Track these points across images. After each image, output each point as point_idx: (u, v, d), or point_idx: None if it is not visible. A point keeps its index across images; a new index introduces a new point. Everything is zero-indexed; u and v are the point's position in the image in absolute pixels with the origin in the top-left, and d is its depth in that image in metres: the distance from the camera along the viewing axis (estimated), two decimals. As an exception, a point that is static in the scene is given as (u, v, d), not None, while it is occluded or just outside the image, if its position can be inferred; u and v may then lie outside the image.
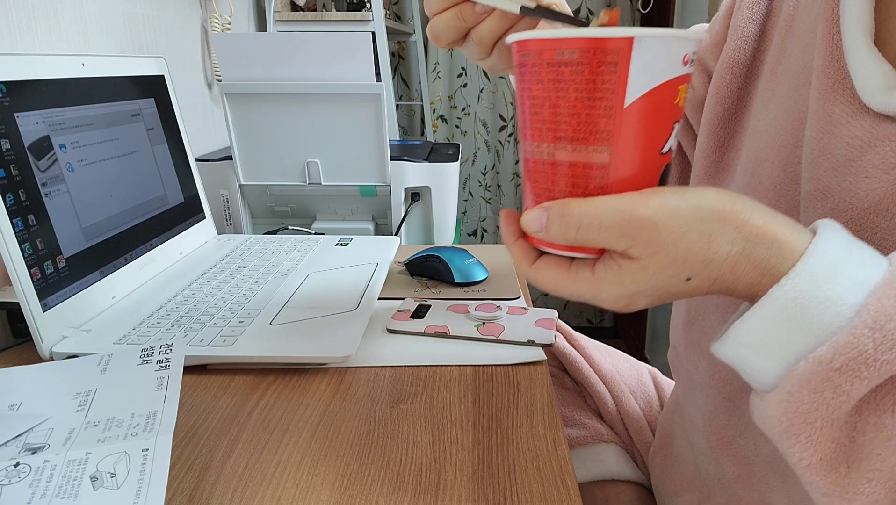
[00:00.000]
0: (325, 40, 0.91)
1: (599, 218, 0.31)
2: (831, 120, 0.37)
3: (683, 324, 0.52)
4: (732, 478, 0.48)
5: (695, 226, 0.30)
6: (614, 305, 0.34)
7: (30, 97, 0.55)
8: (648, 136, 0.32)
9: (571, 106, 0.32)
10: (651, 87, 0.31)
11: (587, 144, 0.32)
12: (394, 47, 2.22)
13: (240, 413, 0.47)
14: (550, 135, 0.33)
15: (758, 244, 0.30)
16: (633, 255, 0.31)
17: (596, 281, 0.33)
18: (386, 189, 1.00)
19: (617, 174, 0.32)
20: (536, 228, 0.34)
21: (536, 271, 0.35)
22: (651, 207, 0.31)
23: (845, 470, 0.30)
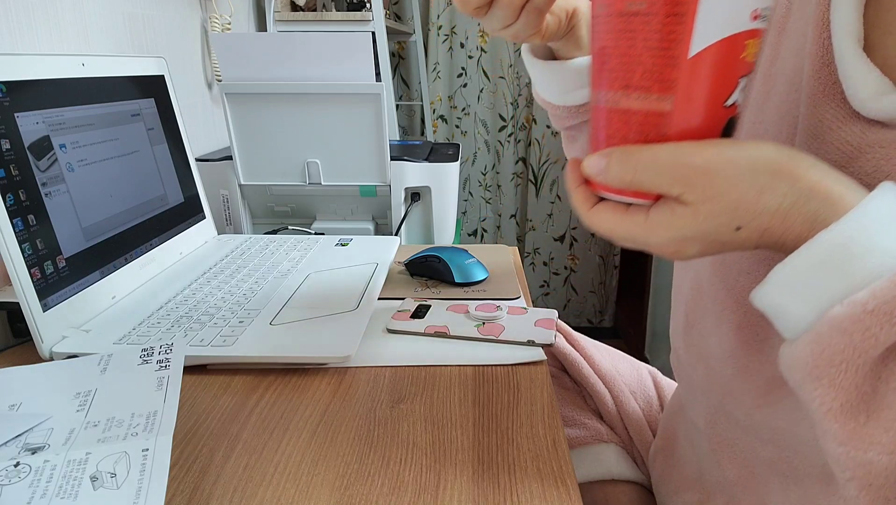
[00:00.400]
0: (325, 40, 0.91)
1: (656, 162, 0.32)
2: (822, 125, 0.37)
3: (682, 328, 0.52)
4: (733, 480, 0.48)
5: (748, 176, 0.31)
6: (664, 250, 0.35)
7: (30, 97, 0.55)
8: (712, 87, 0.33)
9: (638, 55, 0.33)
10: (717, 39, 0.32)
11: (651, 93, 0.33)
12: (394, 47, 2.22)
13: (240, 413, 0.47)
14: (617, 83, 0.34)
15: (811, 199, 0.31)
16: (686, 200, 0.32)
17: (649, 225, 0.34)
18: (386, 189, 1.00)
19: (678, 124, 0.33)
20: (596, 172, 0.35)
21: (594, 215, 0.37)
22: (707, 155, 0.32)
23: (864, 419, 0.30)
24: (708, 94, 0.33)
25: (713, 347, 0.47)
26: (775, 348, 0.42)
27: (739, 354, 0.44)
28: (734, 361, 0.45)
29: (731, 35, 0.32)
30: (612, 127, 0.35)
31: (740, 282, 0.44)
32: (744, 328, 0.44)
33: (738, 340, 0.44)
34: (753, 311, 0.43)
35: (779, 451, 0.43)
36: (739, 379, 0.44)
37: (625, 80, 0.34)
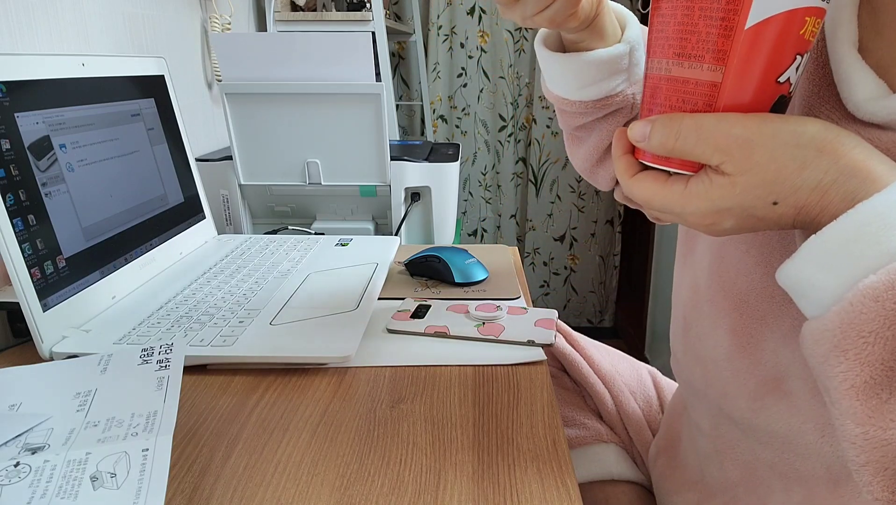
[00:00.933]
0: (325, 40, 0.91)
1: (699, 130, 0.32)
2: None
3: (681, 330, 0.52)
4: (735, 481, 0.48)
5: (790, 150, 0.31)
6: (700, 220, 0.35)
7: (30, 97, 0.55)
8: (766, 61, 0.32)
9: (694, 23, 0.33)
10: (775, 12, 0.31)
11: (702, 62, 0.33)
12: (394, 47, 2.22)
13: (240, 413, 0.47)
14: (671, 51, 0.34)
15: (852, 177, 0.30)
16: (725, 170, 0.32)
17: (686, 194, 0.34)
18: (386, 189, 1.00)
19: (727, 95, 0.33)
20: (640, 137, 0.35)
21: (636, 182, 0.37)
22: (749, 127, 0.32)
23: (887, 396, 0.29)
24: (761, 68, 0.33)
25: (709, 349, 0.47)
26: (769, 352, 0.42)
27: (734, 356, 0.44)
28: (729, 363, 0.45)
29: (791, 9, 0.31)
30: (661, 95, 0.36)
31: (737, 284, 0.44)
32: (738, 331, 0.44)
33: (732, 342, 0.44)
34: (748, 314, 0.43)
35: (779, 453, 0.43)
36: (735, 382, 0.44)
37: (678, 47, 0.34)
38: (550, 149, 2.22)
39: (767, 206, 0.32)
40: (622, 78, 0.50)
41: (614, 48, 0.48)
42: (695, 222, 0.35)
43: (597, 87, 0.51)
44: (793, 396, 0.40)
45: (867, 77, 0.35)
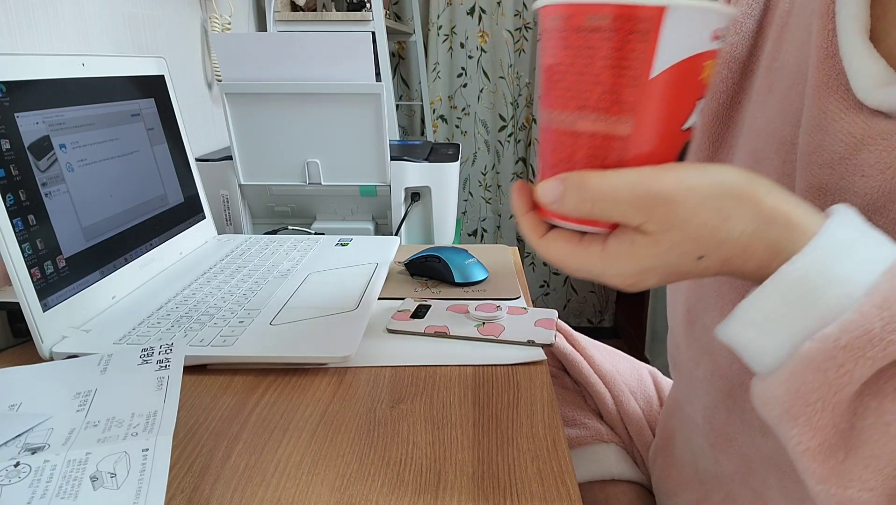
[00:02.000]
0: (325, 40, 0.91)
1: (616, 191, 0.31)
2: (826, 116, 0.37)
3: (683, 323, 0.52)
4: (730, 475, 0.48)
5: (712, 203, 0.30)
6: (623, 282, 0.34)
7: (30, 97, 0.55)
8: (672, 110, 0.32)
9: (597, 74, 0.31)
10: (679, 59, 0.31)
11: (609, 115, 0.32)
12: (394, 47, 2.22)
13: (240, 413, 0.47)
14: (573, 103, 0.32)
15: (772, 225, 0.30)
16: (647, 230, 0.31)
17: (606, 255, 0.33)
18: (386, 189, 1.00)
19: (637, 148, 0.32)
20: (551, 200, 0.33)
21: (546, 244, 0.35)
22: (668, 183, 0.30)
23: (843, 456, 0.29)
24: (668, 117, 0.32)
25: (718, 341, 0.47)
26: None
27: None
28: None
29: (693, 55, 0.31)
30: (565, 150, 0.33)
31: None
32: None
33: None
34: None
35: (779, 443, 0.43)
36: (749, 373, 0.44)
37: (581, 100, 0.32)
38: (550, 149, 2.22)
39: (692, 261, 0.32)
40: None
41: None
42: (617, 282, 0.34)
43: None
44: None
45: (877, 65, 0.35)
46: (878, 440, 0.28)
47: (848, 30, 0.36)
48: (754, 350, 0.32)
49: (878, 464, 0.29)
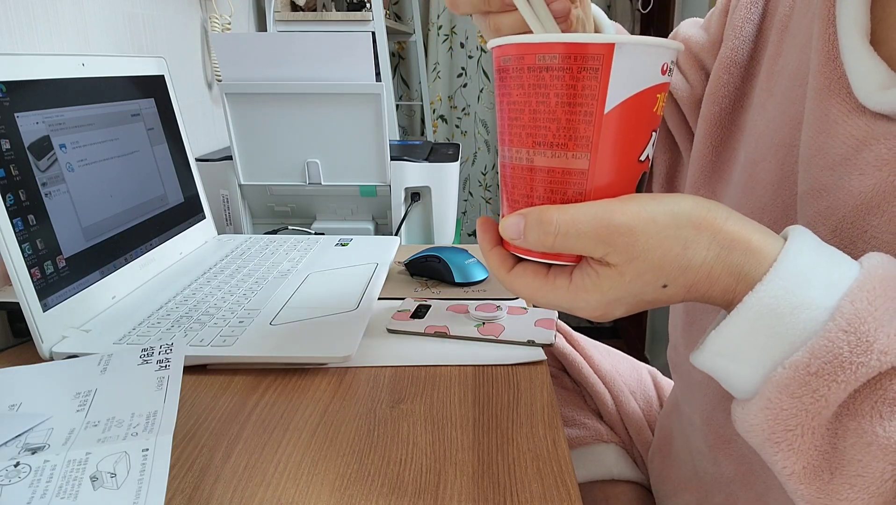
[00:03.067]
0: (325, 40, 0.91)
1: (577, 225, 0.31)
2: (827, 119, 0.37)
3: (683, 324, 0.52)
4: (730, 477, 0.48)
5: (671, 232, 0.31)
6: (592, 313, 0.34)
7: (30, 97, 0.55)
8: (627, 142, 0.32)
9: (552, 111, 0.32)
10: (631, 94, 0.31)
11: (566, 150, 0.32)
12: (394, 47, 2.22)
13: (240, 413, 0.47)
14: (530, 140, 0.33)
15: (732, 250, 0.31)
16: (610, 261, 0.32)
17: (573, 289, 0.33)
18: (386, 189, 1.00)
19: (595, 181, 0.33)
20: (514, 235, 0.34)
21: (514, 279, 0.36)
22: (628, 214, 0.31)
23: (829, 477, 0.30)
24: (624, 150, 0.32)
25: None
26: None
27: None
28: None
29: (644, 89, 0.32)
30: (525, 186, 0.34)
31: None
32: None
33: None
34: None
35: None
36: None
37: (538, 136, 0.33)
38: (550, 149, 2.22)
39: (657, 289, 0.32)
40: None
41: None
42: (586, 314, 0.35)
43: None
44: None
45: (878, 68, 0.35)
46: (860, 460, 0.29)
47: (849, 33, 0.36)
48: (728, 377, 0.32)
49: (863, 483, 0.29)
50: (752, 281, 0.30)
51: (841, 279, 0.30)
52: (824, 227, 0.37)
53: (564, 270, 0.34)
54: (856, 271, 0.30)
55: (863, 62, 0.35)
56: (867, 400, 0.29)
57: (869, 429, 0.29)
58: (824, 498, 0.30)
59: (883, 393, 0.29)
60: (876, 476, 0.29)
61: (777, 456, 0.30)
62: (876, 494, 0.29)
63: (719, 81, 0.48)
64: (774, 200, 0.42)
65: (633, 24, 2.22)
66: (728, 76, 0.48)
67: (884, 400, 0.28)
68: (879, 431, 0.28)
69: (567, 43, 0.31)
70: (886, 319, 0.28)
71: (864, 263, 0.30)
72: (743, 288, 0.31)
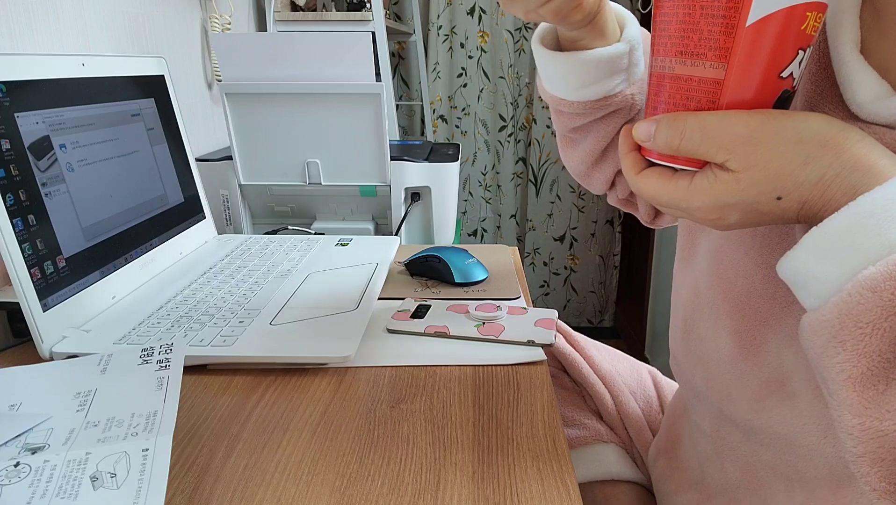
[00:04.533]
0: (325, 40, 0.91)
1: (703, 129, 0.33)
2: None
3: (681, 332, 0.52)
4: (735, 483, 0.48)
5: (793, 146, 0.31)
6: (706, 215, 0.35)
7: (30, 97, 0.55)
8: (767, 57, 0.33)
9: (696, 22, 0.33)
10: (775, 9, 0.32)
11: (705, 60, 0.34)
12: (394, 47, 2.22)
13: (240, 413, 0.47)
14: (673, 49, 0.35)
15: (854, 171, 0.31)
16: (729, 167, 0.33)
17: (692, 189, 0.35)
18: (386, 189, 1.00)
19: (730, 92, 0.34)
20: (645, 137, 0.36)
21: (642, 178, 0.38)
22: (752, 125, 0.32)
23: (884, 387, 0.29)
24: (763, 65, 0.33)
25: (711, 351, 0.47)
26: (771, 354, 0.42)
27: (736, 358, 0.44)
28: (732, 366, 0.45)
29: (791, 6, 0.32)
30: (665, 93, 0.36)
31: (737, 286, 0.44)
32: (740, 333, 0.44)
33: (734, 344, 0.44)
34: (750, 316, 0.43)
35: (780, 455, 0.43)
36: (737, 384, 0.44)
37: (681, 46, 0.34)
38: (550, 149, 2.22)
39: (771, 201, 0.33)
40: (621, 78, 0.50)
41: (614, 47, 0.48)
42: (701, 217, 0.36)
43: (596, 87, 0.50)
44: (796, 397, 0.40)
45: (870, 78, 0.35)
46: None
47: (839, 42, 0.36)
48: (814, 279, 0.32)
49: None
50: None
51: None
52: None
53: (687, 173, 0.36)
54: None
55: (854, 72, 0.36)
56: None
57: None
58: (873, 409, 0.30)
59: None
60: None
61: (838, 357, 0.30)
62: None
63: None
64: None
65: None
66: None
67: None
68: None
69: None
70: None
71: None
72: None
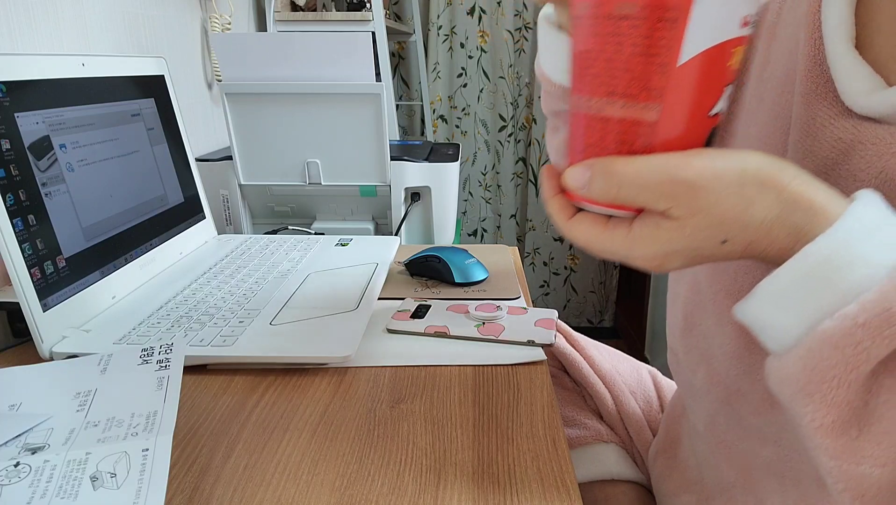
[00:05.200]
0: (325, 40, 0.91)
1: (643, 177, 0.32)
2: (815, 122, 0.37)
3: (681, 330, 0.52)
4: (731, 482, 0.48)
5: (736, 189, 0.31)
6: (648, 263, 0.34)
7: (30, 97, 0.55)
8: (699, 96, 0.32)
9: (626, 61, 0.32)
10: (707, 46, 0.31)
11: (637, 101, 0.32)
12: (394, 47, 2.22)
13: (240, 413, 0.47)
14: (602, 89, 0.33)
15: (795, 210, 0.31)
16: (672, 214, 0.32)
17: (632, 239, 0.34)
18: (386, 189, 1.00)
19: (664, 133, 0.32)
20: (578, 185, 0.34)
21: (573, 226, 0.36)
22: (694, 169, 0.31)
23: (856, 433, 0.30)
24: (695, 104, 0.32)
25: (715, 348, 0.47)
26: None
27: (744, 354, 0.44)
28: (739, 361, 0.45)
29: (721, 42, 0.31)
30: (593, 135, 0.34)
31: (738, 281, 0.44)
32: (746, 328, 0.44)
33: (742, 339, 0.44)
34: None
35: (780, 450, 0.43)
36: (747, 379, 0.44)
37: (610, 86, 0.33)
38: (550, 149, 2.22)
39: (716, 245, 0.32)
40: None
41: None
42: (641, 264, 0.35)
43: None
44: None
45: (863, 72, 0.35)
46: (891, 417, 0.29)
47: (834, 37, 0.36)
48: (770, 328, 0.32)
49: (890, 440, 0.29)
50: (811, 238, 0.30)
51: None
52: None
53: (623, 220, 0.34)
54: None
55: (848, 67, 0.36)
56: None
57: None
58: (849, 454, 0.30)
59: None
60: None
61: (808, 408, 0.30)
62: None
63: None
64: None
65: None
66: None
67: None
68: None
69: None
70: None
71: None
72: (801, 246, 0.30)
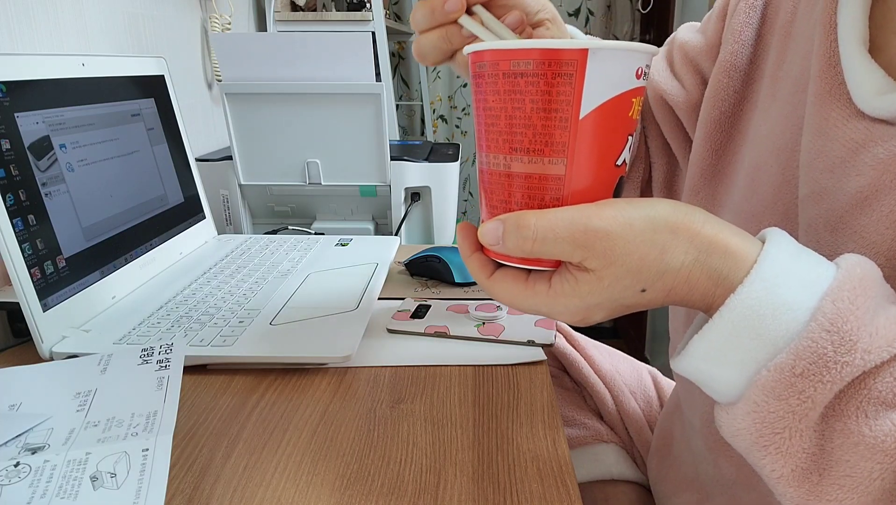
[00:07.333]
0: (325, 40, 0.91)
1: (555, 230, 0.31)
2: (827, 123, 0.37)
3: (683, 326, 0.52)
4: (731, 479, 0.48)
5: (648, 237, 0.31)
6: (571, 318, 0.34)
7: (30, 97, 0.55)
8: (603, 147, 0.32)
9: (527, 117, 0.32)
10: (605, 99, 0.31)
11: (543, 156, 0.32)
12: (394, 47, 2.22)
13: (240, 413, 0.47)
14: (506, 146, 0.33)
15: (711, 254, 0.31)
16: (588, 266, 0.32)
17: (552, 294, 0.33)
18: (386, 189, 1.00)
19: (572, 186, 0.33)
20: (493, 241, 0.34)
21: (494, 284, 0.36)
22: (605, 219, 0.31)
23: (817, 478, 0.30)
24: (601, 155, 0.32)
25: None
26: None
27: None
28: None
29: (619, 94, 0.31)
30: (503, 191, 0.34)
31: None
32: None
33: None
34: None
35: None
36: None
37: (514, 142, 0.33)
38: (550, 149, 2.22)
39: (636, 294, 0.32)
40: None
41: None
42: (565, 319, 0.35)
43: None
44: None
45: (876, 74, 0.35)
46: (848, 460, 0.29)
47: (848, 40, 0.37)
48: (711, 381, 0.32)
49: (851, 483, 0.29)
50: (731, 284, 0.30)
51: (820, 279, 0.30)
52: (825, 230, 0.37)
53: (544, 275, 0.34)
54: (833, 271, 0.30)
55: (860, 70, 0.36)
56: (852, 400, 0.29)
57: (855, 429, 0.29)
58: (814, 500, 0.30)
59: (867, 392, 0.29)
60: (864, 476, 0.29)
61: (765, 460, 0.30)
62: (865, 494, 0.29)
63: (719, 85, 0.48)
64: (776, 204, 0.42)
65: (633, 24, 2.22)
66: (728, 80, 0.48)
67: (868, 399, 0.29)
68: (866, 430, 0.28)
69: (541, 49, 0.31)
70: (868, 318, 0.28)
71: (842, 264, 0.30)
72: (723, 291, 0.31)
